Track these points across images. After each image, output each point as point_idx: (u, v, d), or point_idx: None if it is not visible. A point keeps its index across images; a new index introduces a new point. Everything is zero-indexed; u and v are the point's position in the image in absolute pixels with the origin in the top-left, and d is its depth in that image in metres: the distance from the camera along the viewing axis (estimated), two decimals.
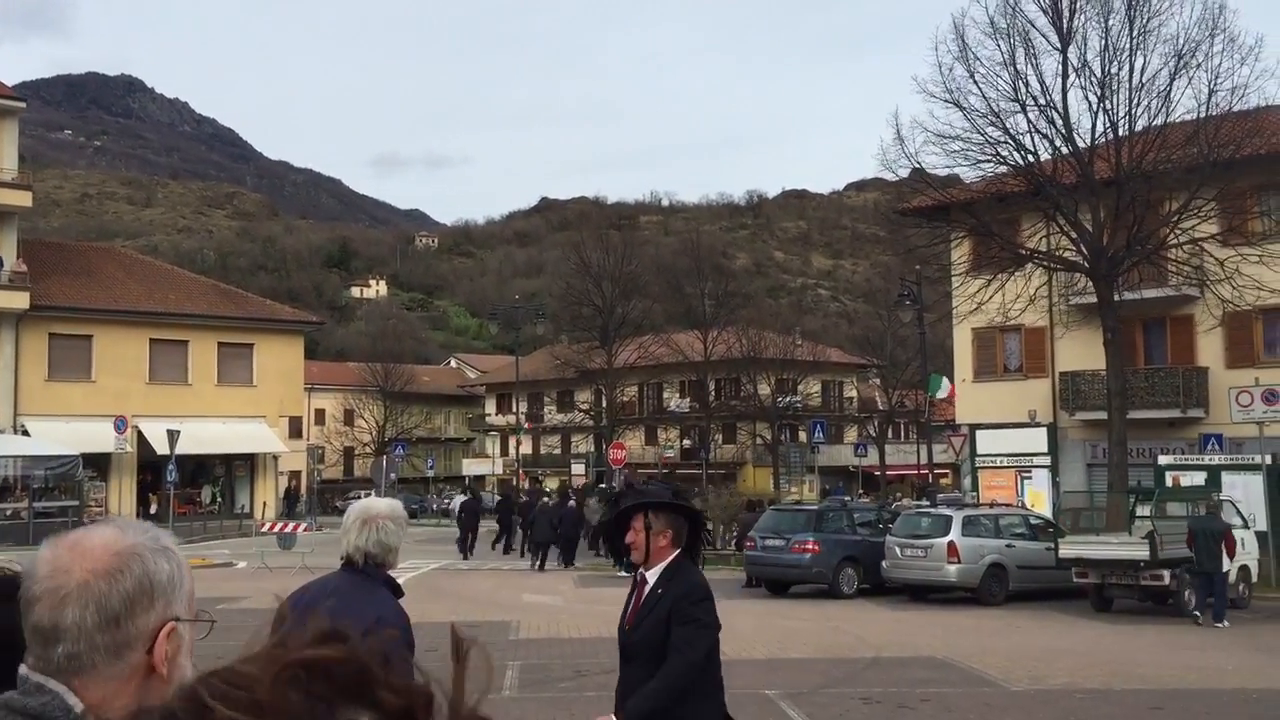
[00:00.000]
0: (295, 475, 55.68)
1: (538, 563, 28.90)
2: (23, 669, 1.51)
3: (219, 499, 45.57)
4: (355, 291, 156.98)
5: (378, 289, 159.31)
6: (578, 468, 59.29)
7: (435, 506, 61.78)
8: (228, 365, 44.50)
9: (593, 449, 65.56)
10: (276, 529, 32.20)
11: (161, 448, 34.62)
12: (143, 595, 1.50)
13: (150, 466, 40.46)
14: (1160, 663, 14.68)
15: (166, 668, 1.50)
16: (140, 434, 39.71)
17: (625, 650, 4.67)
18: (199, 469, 44.27)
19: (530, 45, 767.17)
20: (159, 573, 1.52)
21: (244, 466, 45.80)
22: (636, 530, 4.50)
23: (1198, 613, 18.77)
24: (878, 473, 59.68)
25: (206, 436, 40.67)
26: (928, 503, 29.90)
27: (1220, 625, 18.36)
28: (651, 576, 4.52)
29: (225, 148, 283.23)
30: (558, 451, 71.53)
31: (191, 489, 42.51)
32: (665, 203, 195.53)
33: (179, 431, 33.10)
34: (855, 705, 11.35)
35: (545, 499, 34.53)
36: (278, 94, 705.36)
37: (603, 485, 42.56)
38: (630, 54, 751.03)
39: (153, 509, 41.24)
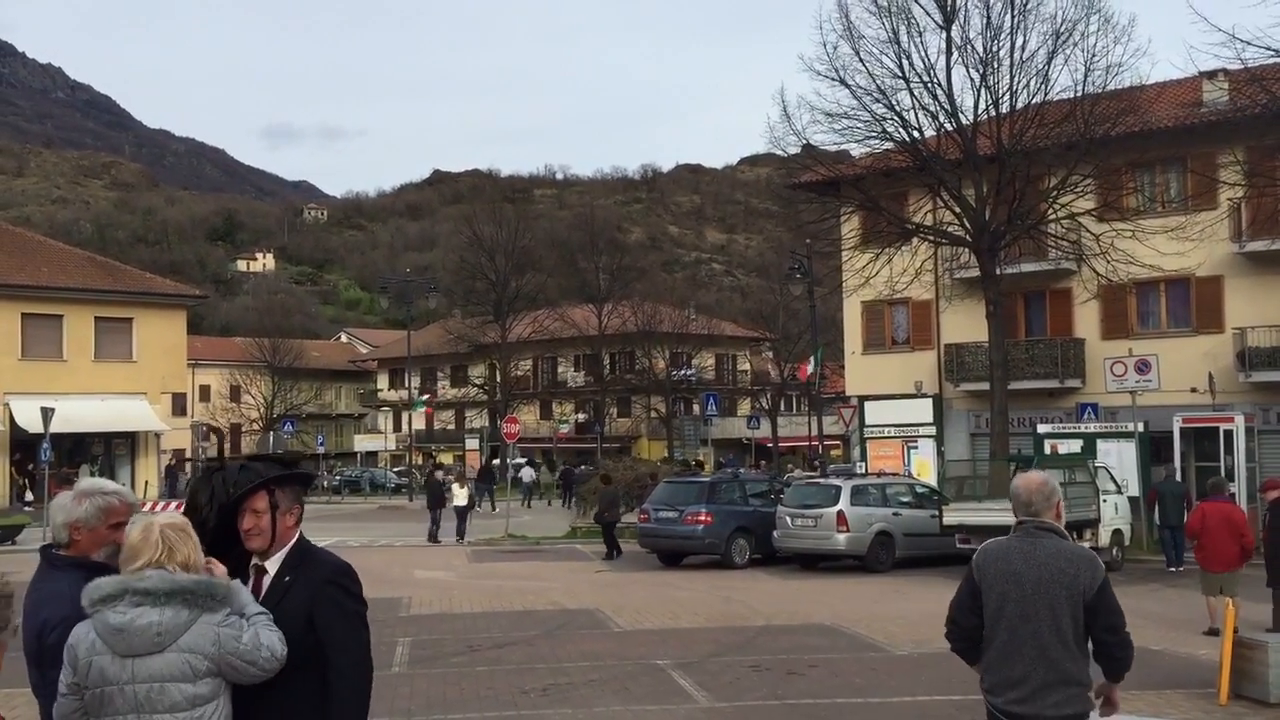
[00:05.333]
0: (179, 453, 54.14)
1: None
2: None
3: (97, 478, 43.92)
4: (241, 265, 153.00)
5: (265, 262, 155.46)
6: (472, 443, 58.88)
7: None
8: (105, 340, 42.93)
9: (487, 424, 65.19)
10: (158, 509, 31.26)
11: (35, 427, 33.32)
12: (1053, 493, 4.39)
13: (23, 446, 38.95)
14: None
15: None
16: (11, 412, 38.19)
17: None
18: (76, 448, 42.67)
19: (427, 16, 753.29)
20: (1057, 486, 4.44)
21: (124, 445, 44.32)
22: (259, 512, 3.79)
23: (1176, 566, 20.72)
24: (770, 444, 60.57)
25: (83, 414, 39.22)
26: (818, 473, 30.37)
27: (1177, 569, 20.52)
28: (273, 565, 3.83)
29: (102, 115, 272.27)
30: (451, 427, 70.97)
31: (68, 469, 40.95)
32: (559, 176, 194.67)
33: (53, 409, 31.88)
34: (745, 673, 11.51)
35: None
36: (158, 61, 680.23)
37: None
38: (526, 27, 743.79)
39: (28, 496, 39.69)
